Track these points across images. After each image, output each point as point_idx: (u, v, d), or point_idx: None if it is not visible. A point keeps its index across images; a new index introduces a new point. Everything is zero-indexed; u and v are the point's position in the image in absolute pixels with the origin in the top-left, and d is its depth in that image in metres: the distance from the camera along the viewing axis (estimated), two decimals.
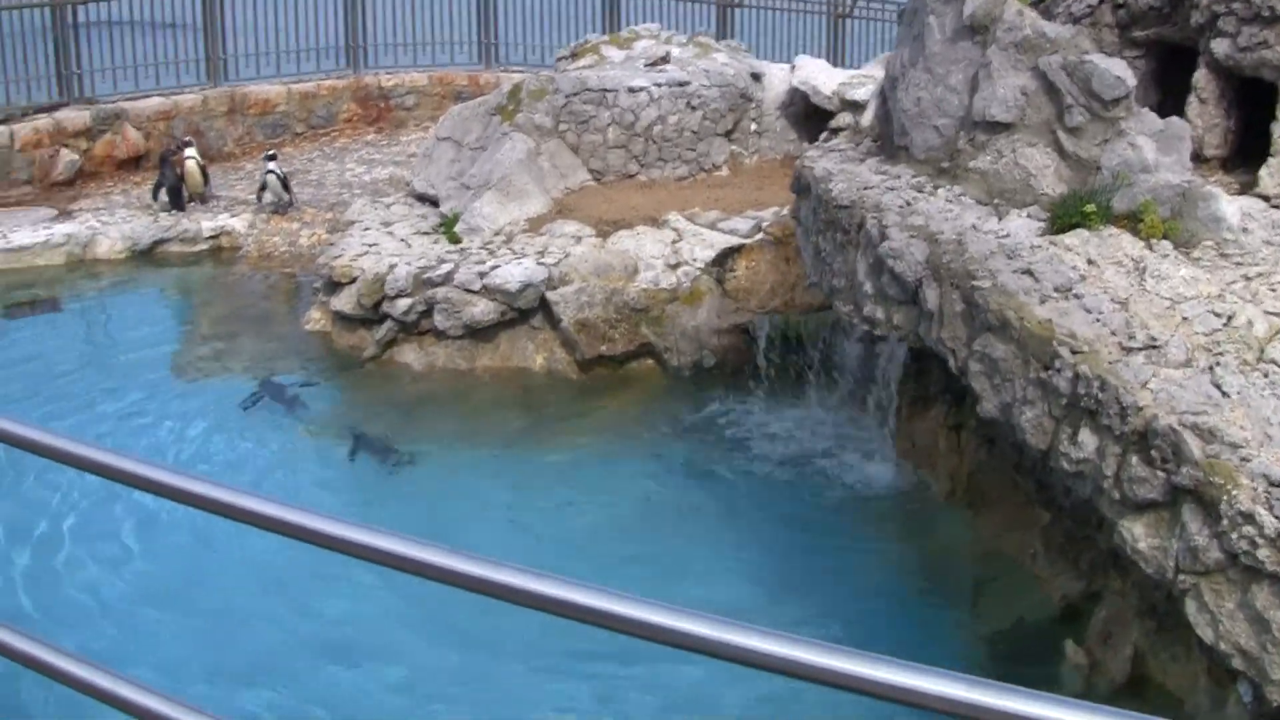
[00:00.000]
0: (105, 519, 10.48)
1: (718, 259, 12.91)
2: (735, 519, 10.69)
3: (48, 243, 16.12)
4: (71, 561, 9.95)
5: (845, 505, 10.75)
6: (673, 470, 11.42)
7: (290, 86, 21.12)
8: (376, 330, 13.19)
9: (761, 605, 9.45)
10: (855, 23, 23.89)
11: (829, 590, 9.67)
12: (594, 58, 16.61)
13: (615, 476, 11.35)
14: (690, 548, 10.27)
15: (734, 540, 10.36)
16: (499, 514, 10.76)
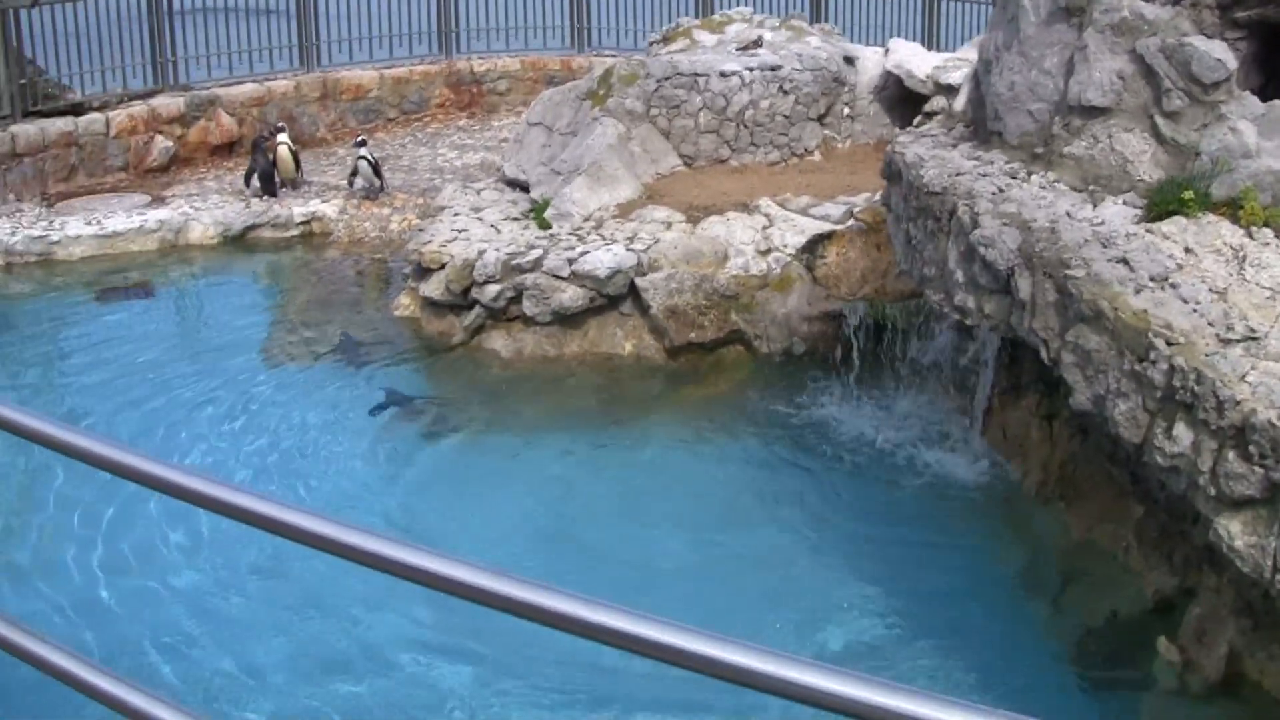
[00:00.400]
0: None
1: (808, 245, 12.76)
2: (822, 508, 10.58)
3: (141, 228, 16.22)
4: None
5: (934, 496, 10.60)
6: (760, 458, 11.32)
7: (383, 72, 21.16)
8: (465, 316, 13.15)
9: (846, 598, 9.34)
10: (950, 4, 23.61)
11: (917, 582, 9.54)
12: (686, 42, 16.49)
13: (702, 463, 11.27)
14: (775, 537, 10.17)
15: (820, 530, 10.25)
16: (585, 501, 10.70)
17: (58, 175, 17.69)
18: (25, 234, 15.89)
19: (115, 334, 13.99)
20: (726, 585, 9.51)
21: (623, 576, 9.63)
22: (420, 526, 10.29)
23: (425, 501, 10.75)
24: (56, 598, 9.25)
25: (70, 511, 10.32)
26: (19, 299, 14.94)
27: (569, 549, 10.00)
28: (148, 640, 8.79)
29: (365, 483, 11.00)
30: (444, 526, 10.33)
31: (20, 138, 17.32)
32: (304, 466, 11.22)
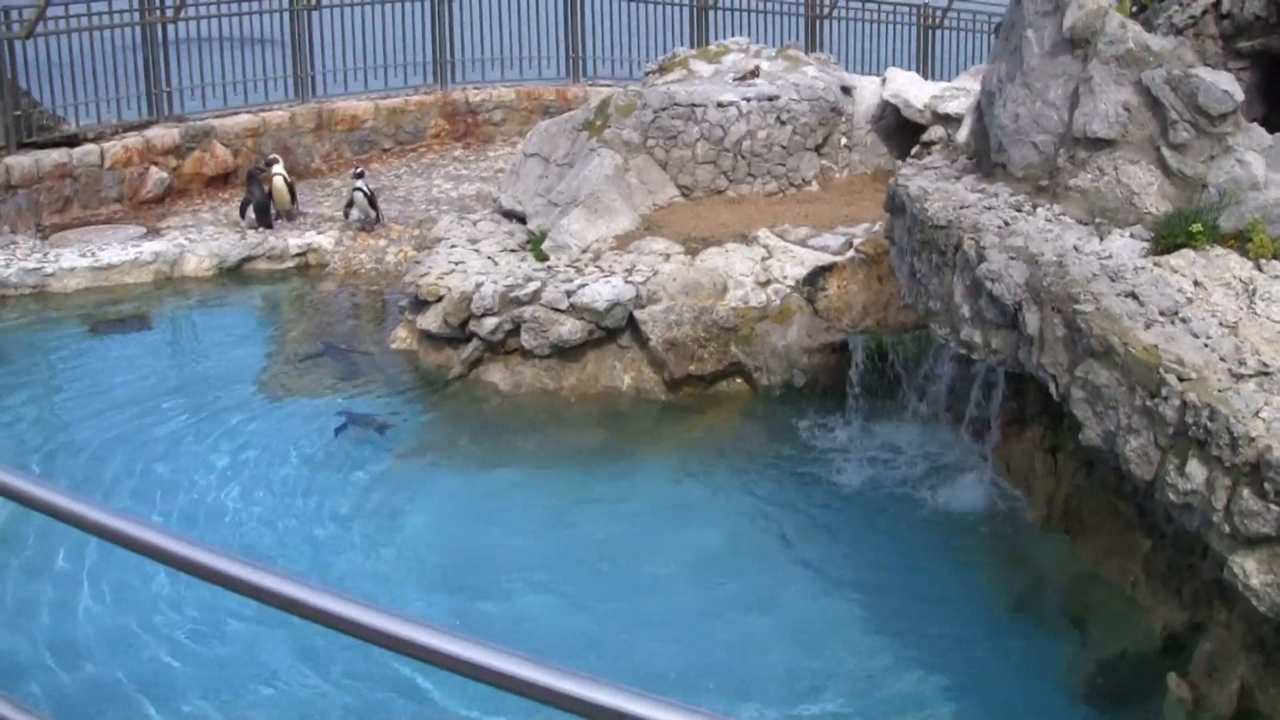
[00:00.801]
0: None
1: (809, 278, 12.68)
2: (825, 541, 10.47)
3: (136, 260, 16.13)
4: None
5: (938, 528, 10.50)
6: (761, 492, 11.22)
7: (378, 102, 21.11)
8: (463, 349, 13.06)
9: (848, 633, 9.25)
10: (945, 33, 23.65)
11: (921, 615, 9.44)
12: (682, 72, 16.43)
13: (702, 497, 11.17)
14: (776, 572, 10.07)
15: (823, 563, 10.14)
16: (582, 537, 10.58)
17: (52, 207, 17.58)
18: (19, 266, 15.79)
19: (110, 366, 13.88)
20: (724, 623, 9.41)
21: (619, 613, 9.53)
22: (416, 561, 10.20)
23: (421, 535, 10.63)
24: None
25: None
26: (13, 331, 14.82)
27: (563, 585, 9.89)
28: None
29: (360, 516, 10.88)
30: (439, 560, 10.22)
31: (15, 169, 17.21)
32: (297, 501, 11.11)
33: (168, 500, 11.08)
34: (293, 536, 10.54)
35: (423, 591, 9.79)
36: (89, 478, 11.48)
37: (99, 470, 11.63)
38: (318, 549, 10.37)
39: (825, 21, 23.13)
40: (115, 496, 11.15)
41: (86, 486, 11.29)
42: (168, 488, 11.28)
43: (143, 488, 11.31)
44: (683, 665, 8.90)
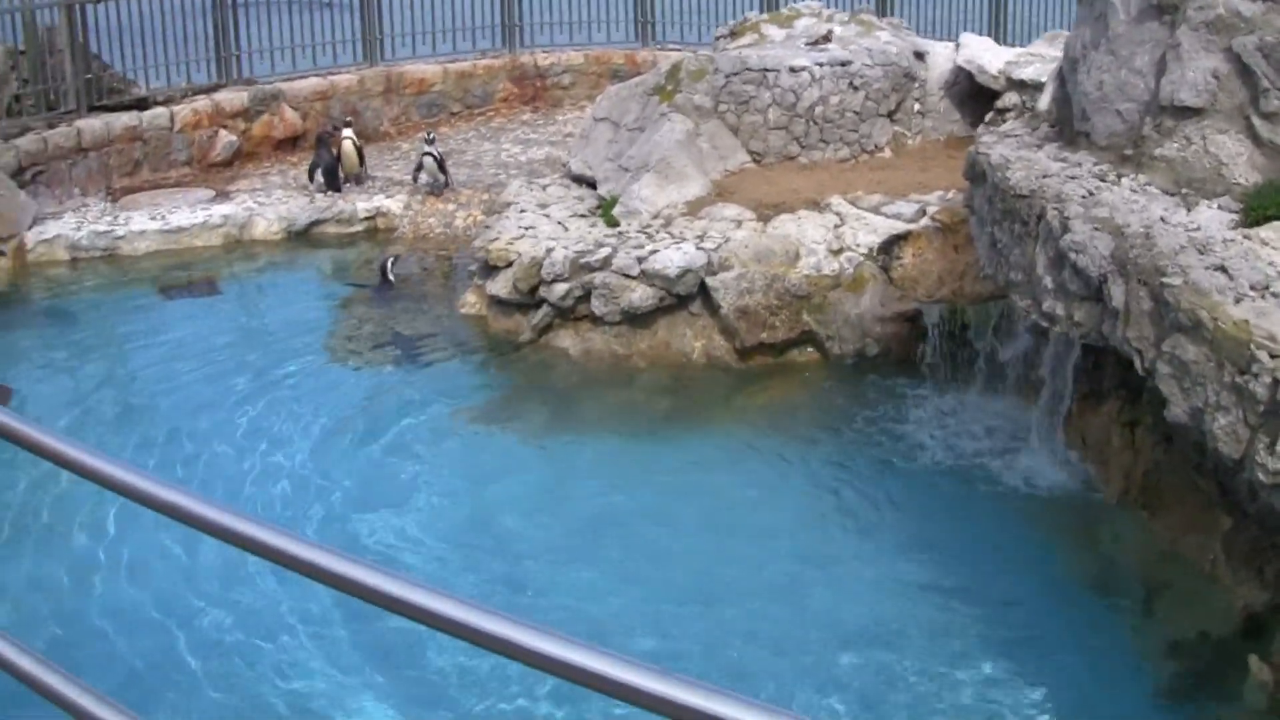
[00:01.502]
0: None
1: (884, 246, 12.48)
2: (896, 513, 10.32)
3: (205, 224, 16.11)
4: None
5: (1011, 502, 10.32)
6: (831, 462, 11.06)
7: (446, 66, 20.98)
8: (533, 315, 12.95)
9: (917, 604, 9.11)
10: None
11: (992, 590, 9.30)
12: (754, 36, 16.22)
13: (772, 467, 11.03)
14: (847, 542, 9.94)
15: (894, 536, 9.99)
16: (649, 505, 10.47)
17: (122, 170, 17.59)
18: (90, 229, 15.80)
19: (179, 330, 13.89)
20: (790, 595, 9.28)
21: (681, 584, 9.42)
22: (480, 526, 10.13)
23: (486, 501, 10.56)
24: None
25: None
26: (84, 294, 14.85)
27: (627, 555, 9.79)
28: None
29: (424, 481, 10.81)
30: (503, 527, 10.14)
31: (86, 132, 17.23)
32: (359, 465, 11.05)
33: (230, 460, 11.10)
34: (355, 500, 10.47)
35: (484, 557, 9.74)
36: (153, 438, 11.53)
37: (162, 431, 11.66)
38: (381, 512, 10.30)
39: None
40: (177, 456, 11.18)
41: (151, 446, 11.37)
42: (231, 448, 11.28)
43: (206, 448, 11.31)
44: (748, 639, 8.79)
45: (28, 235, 15.58)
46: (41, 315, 14.46)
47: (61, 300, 14.73)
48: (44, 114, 17.46)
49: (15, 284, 15.09)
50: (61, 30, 17.72)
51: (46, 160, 16.73)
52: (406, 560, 9.60)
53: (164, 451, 11.25)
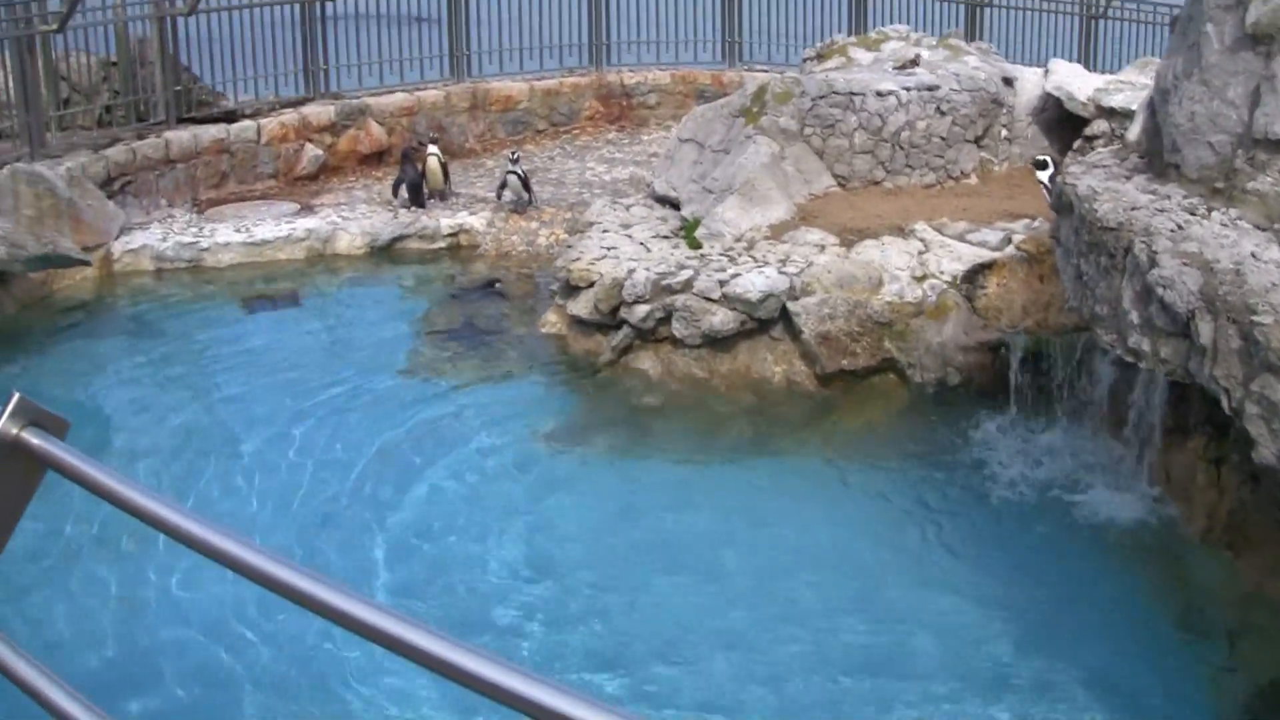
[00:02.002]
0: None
1: (968, 274, 12.36)
2: (973, 546, 10.20)
3: (289, 237, 16.19)
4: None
5: (1092, 537, 10.18)
6: (911, 490, 10.97)
7: (533, 83, 21.02)
8: (613, 336, 12.91)
9: (994, 638, 9.01)
10: (1109, 23, 23.11)
11: (1069, 626, 9.17)
12: (841, 59, 16.16)
13: (851, 496, 10.95)
14: (924, 572, 9.84)
15: (970, 569, 9.88)
16: (726, 532, 10.40)
17: (209, 182, 17.74)
18: (176, 240, 15.94)
19: (259, 342, 13.98)
20: (864, 625, 9.20)
21: (755, 610, 9.37)
22: (553, 548, 10.11)
23: (562, 521, 10.54)
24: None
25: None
26: (168, 305, 14.96)
27: (702, 580, 9.72)
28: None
29: (501, 501, 10.81)
30: (577, 549, 10.12)
31: (174, 144, 17.39)
32: (436, 483, 11.07)
33: (304, 475, 11.17)
34: (430, 519, 10.48)
35: (558, 580, 9.72)
36: (229, 450, 11.60)
37: (238, 442, 11.73)
38: (457, 531, 10.32)
39: (986, 9, 22.69)
40: (251, 468, 11.24)
41: (226, 458, 11.44)
42: (307, 462, 11.34)
43: (281, 461, 11.36)
44: (819, 667, 8.72)
45: (114, 245, 15.72)
46: (125, 324, 14.57)
47: (145, 310, 14.84)
48: (133, 125, 17.65)
49: (101, 293, 15.22)
50: (152, 42, 17.90)
51: (135, 171, 16.90)
52: (480, 579, 9.60)
53: (238, 464, 11.32)
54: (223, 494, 10.81)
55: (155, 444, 11.67)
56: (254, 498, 10.77)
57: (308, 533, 10.26)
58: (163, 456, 11.45)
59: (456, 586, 9.59)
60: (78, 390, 12.83)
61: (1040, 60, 19.66)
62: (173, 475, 11.12)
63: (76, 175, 15.66)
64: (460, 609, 9.33)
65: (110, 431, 12.00)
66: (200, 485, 10.92)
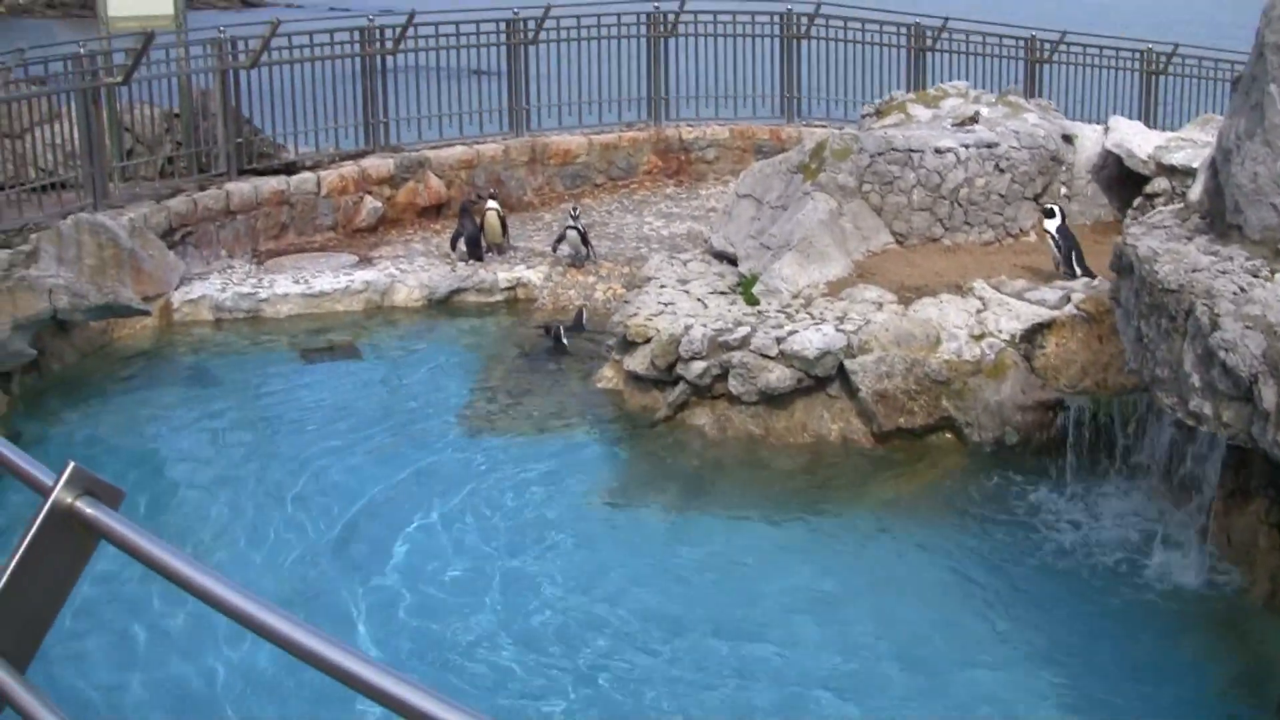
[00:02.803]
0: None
1: (1026, 334, 12.29)
2: (1028, 608, 10.08)
3: (348, 289, 16.29)
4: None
5: (1150, 602, 10.04)
6: (965, 551, 10.87)
7: (591, 137, 21.12)
8: (669, 392, 12.90)
9: (1051, 707, 8.88)
10: (1170, 79, 23.08)
11: (1124, 692, 9.03)
12: (900, 116, 16.16)
13: (905, 558, 10.84)
14: (976, 634, 9.71)
15: (1025, 632, 9.75)
16: (781, 591, 10.32)
17: (269, 233, 17.88)
18: (235, 290, 16.05)
19: (318, 394, 14.02)
20: (916, 687, 9.11)
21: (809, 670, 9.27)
22: (605, 606, 10.04)
23: (616, 578, 10.48)
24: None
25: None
26: (226, 354, 15.07)
27: (753, 640, 9.65)
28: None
29: (557, 556, 10.76)
30: (630, 606, 10.04)
31: (235, 195, 17.54)
32: (490, 537, 11.03)
33: (356, 527, 11.15)
34: (483, 574, 10.44)
35: (611, 638, 9.63)
36: (283, 501, 11.62)
37: (292, 493, 11.75)
38: (510, 588, 10.27)
39: (1046, 66, 22.69)
40: (303, 519, 11.26)
41: (282, 510, 11.45)
42: (360, 514, 11.33)
43: (333, 514, 11.35)
44: None
45: (174, 295, 15.85)
46: (184, 374, 14.67)
47: (204, 360, 14.95)
48: (195, 176, 17.83)
49: (160, 342, 15.35)
50: (215, 95, 18.09)
51: (196, 222, 17.05)
52: (531, 638, 9.56)
53: (291, 515, 11.34)
54: (274, 546, 10.81)
55: (210, 495, 11.71)
56: (304, 549, 10.77)
57: (354, 585, 10.23)
58: (217, 507, 11.48)
59: (503, 643, 9.54)
60: (135, 439, 12.92)
61: (1100, 117, 19.67)
62: (225, 525, 11.16)
63: (139, 225, 15.80)
64: (508, 666, 9.28)
65: (166, 482, 12.06)
66: (253, 535, 10.94)
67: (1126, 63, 22.92)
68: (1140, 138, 15.02)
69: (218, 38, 18.22)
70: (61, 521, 2.54)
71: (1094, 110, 21.88)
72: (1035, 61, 22.46)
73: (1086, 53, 22.86)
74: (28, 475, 2.63)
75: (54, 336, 14.42)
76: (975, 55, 22.59)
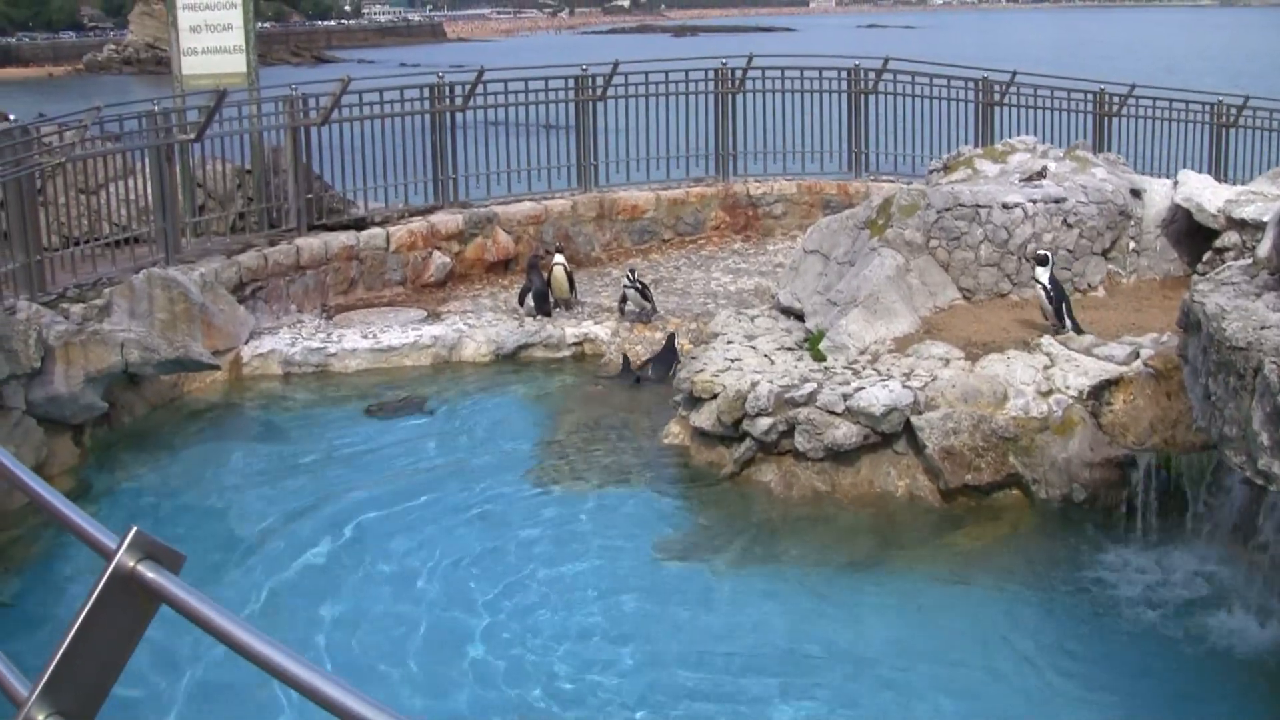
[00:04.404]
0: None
1: (1094, 390, 12.24)
2: (1096, 670, 9.99)
3: (416, 344, 16.41)
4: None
5: (1220, 665, 9.91)
6: (1032, 610, 10.78)
7: (659, 192, 21.24)
8: (735, 448, 12.91)
9: None
10: (1240, 132, 22.93)
11: None
12: (967, 171, 16.16)
13: (971, 617, 10.75)
14: (1045, 698, 9.62)
15: (1092, 694, 9.64)
16: (845, 651, 10.25)
17: (338, 288, 18.04)
18: (304, 345, 16.19)
19: (385, 449, 14.08)
20: None
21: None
22: (676, 663, 10.01)
23: (682, 635, 10.44)
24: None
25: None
26: (295, 409, 15.19)
27: (824, 696, 9.61)
28: None
29: (622, 613, 10.75)
30: (698, 663, 10.01)
31: (304, 250, 17.71)
32: (556, 593, 11.04)
33: (421, 584, 11.17)
34: (549, 629, 10.44)
35: (672, 699, 9.59)
36: (349, 557, 11.66)
37: (358, 550, 11.79)
38: (573, 644, 10.26)
39: (1114, 119, 22.60)
40: (369, 574, 11.32)
41: (345, 565, 11.52)
42: (425, 573, 11.34)
43: (400, 570, 11.40)
44: None
45: (244, 349, 16.02)
46: (252, 428, 14.82)
47: (272, 414, 15.09)
48: (266, 231, 18.04)
49: (229, 396, 15.50)
50: (286, 151, 18.30)
51: (266, 277, 17.22)
52: (591, 695, 9.56)
53: (356, 569, 11.39)
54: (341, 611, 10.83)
55: (276, 551, 11.76)
56: (368, 605, 10.81)
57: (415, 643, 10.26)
58: (283, 563, 11.52)
59: (567, 702, 9.54)
60: (203, 494, 13.02)
61: (1169, 171, 19.56)
62: (292, 587, 11.20)
63: (210, 280, 15.99)
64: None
65: (232, 539, 12.11)
66: (322, 599, 10.98)
67: (1196, 115, 22.78)
68: (1210, 191, 14.96)
69: (289, 95, 18.45)
70: (123, 585, 2.59)
71: (1163, 164, 21.76)
72: (1104, 115, 22.37)
73: (1156, 105, 22.73)
74: (91, 538, 2.68)
75: (125, 390, 14.62)
76: (1043, 109, 22.52)
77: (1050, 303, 13.29)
